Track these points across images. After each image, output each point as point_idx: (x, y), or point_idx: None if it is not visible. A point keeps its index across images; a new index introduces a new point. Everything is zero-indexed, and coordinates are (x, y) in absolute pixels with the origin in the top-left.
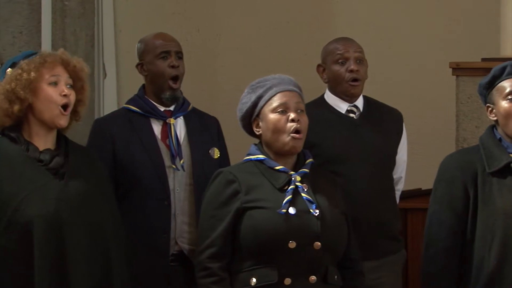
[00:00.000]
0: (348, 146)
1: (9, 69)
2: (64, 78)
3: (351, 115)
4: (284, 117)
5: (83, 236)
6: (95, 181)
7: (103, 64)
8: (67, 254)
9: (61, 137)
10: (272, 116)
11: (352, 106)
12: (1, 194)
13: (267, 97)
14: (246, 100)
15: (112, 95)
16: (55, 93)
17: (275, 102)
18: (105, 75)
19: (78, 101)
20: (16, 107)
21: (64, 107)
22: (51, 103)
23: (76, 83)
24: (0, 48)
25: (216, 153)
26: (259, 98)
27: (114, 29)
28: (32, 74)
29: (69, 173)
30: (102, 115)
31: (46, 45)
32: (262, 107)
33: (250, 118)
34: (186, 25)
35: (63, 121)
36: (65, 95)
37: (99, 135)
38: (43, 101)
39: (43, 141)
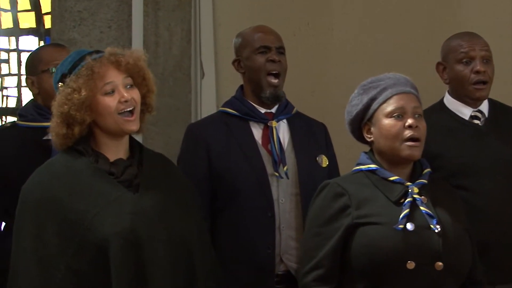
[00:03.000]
0: (474, 156)
1: (60, 83)
2: (120, 80)
3: (475, 121)
4: (400, 123)
5: (164, 253)
6: (175, 191)
7: (201, 62)
8: (147, 274)
9: (134, 144)
10: (387, 122)
11: (476, 111)
12: (71, 213)
13: (381, 99)
14: (357, 101)
15: (211, 96)
16: (113, 102)
17: (391, 105)
18: (202, 74)
19: (144, 93)
20: (76, 129)
21: (130, 111)
22: (111, 114)
23: (136, 78)
24: (87, 45)
25: (324, 161)
26: (372, 100)
27: (213, 23)
28: (83, 92)
29: (144, 184)
30: (200, 118)
31: (137, 41)
32: (375, 111)
33: (361, 122)
34: (294, 18)
35: (133, 126)
36: (126, 101)
37: (193, 142)
38: (103, 114)
39: (114, 151)
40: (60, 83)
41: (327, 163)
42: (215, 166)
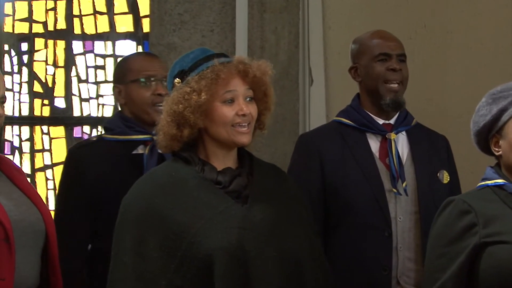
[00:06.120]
0: None
1: (177, 79)
2: (242, 91)
3: None
4: None
5: (273, 270)
6: (287, 204)
7: (309, 68)
8: None
9: (244, 153)
10: None
11: None
12: (174, 225)
13: None
14: (485, 112)
15: (320, 105)
16: (230, 112)
17: None
18: (311, 81)
19: (261, 110)
20: (186, 132)
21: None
22: (226, 124)
23: (258, 92)
24: (187, 50)
25: (445, 177)
26: (502, 111)
27: (322, 26)
28: (203, 95)
29: (254, 195)
30: (308, 129)
31: (241, 46)
32: (505, 123)
33: (488, 134)
34: (410, 20)
35: (245, 139)
36: (243, 115)
37: (305, 153)
38: (217, 123)
39: (222, 160)
40: (177, 79)
41: (449, 179)
42: (329, 180)
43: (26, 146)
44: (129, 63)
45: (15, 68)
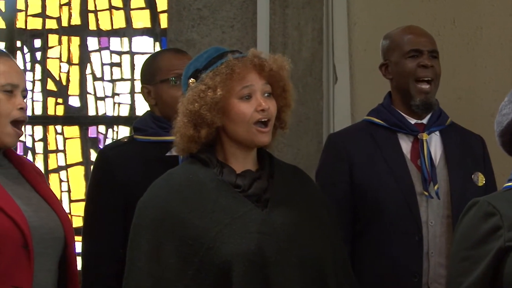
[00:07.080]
0: None
1: (192, 79)
2: (259, 86)
3: None
4: None
5: (294, 277)
6: (309, 208)
7: (334, 66)
8: None
9: (264, 155)
10: None
11: None
12: (191, 230)
13: None
14: (508, 110)
15: (345, 104)
16: (249, 109)
17: None
18: (336, 79)
19: (281, 107)
20: (203, 132)
21: (264, 122)
22: (245, 122)
23: (276, 88)
24: (207, 46)
25: (480, 180)
26: None
27: (347, 22)
28: (219, 92)
29: (274, 199)
30: (332, 129)
31: (262, 43)
32: None
33: None
34: (438, 15)
35: (265, 138)
36: (263, 110)
37: (334, 154)
38: (235, 121)
39: (241, 162)
40: (191, 79)
41: (484, 181)
42: (357, 182)
43: (39, 147)
44: (157, 61)
45: (28, 66)
